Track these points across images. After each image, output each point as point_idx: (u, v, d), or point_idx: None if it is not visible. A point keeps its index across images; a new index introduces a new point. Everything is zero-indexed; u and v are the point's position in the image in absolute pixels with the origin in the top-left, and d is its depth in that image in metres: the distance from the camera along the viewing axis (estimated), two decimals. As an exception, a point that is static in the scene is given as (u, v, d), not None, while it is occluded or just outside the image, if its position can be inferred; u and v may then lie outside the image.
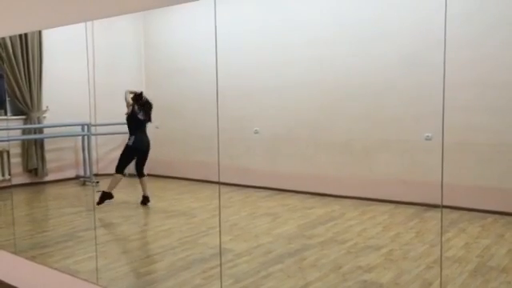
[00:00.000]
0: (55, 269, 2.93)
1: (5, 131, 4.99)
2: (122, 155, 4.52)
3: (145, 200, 4.58)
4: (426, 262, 3.00)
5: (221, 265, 2.77)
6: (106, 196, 4.34)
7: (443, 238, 3.28)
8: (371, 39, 4.51)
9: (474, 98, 3.83)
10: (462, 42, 3.79)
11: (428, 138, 4.11)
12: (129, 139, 4.50)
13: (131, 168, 5.85)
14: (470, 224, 3.45)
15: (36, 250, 3.43)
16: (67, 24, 2.88)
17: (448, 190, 3.74)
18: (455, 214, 3.41)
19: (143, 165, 4.64)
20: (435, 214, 3.90)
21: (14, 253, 3.20)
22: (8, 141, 5.00)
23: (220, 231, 2.77)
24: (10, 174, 5.05)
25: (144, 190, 4.61)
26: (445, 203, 3.79)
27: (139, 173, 4.59)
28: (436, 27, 4.16)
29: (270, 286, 2.78)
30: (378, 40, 4.46)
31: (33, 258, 3.15)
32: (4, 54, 4.76)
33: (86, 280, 2.69)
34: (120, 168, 4.45)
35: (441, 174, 4.01)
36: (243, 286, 2.78)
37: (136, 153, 4.61)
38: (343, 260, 3.13)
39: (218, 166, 2.64)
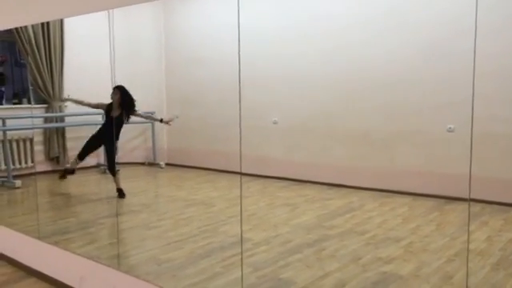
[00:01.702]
0: (78, 254, 2.99)
1: (28, 119, 5.08)
2: (114, 155, 4.54)
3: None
4: (447, 255, 2.97)
5: (242, 252, 2.78)
6: (121, 192, 4.46)
7: (466, 232, 3.25)
8: (391, 29, 4.45)
9: (497, 89, 3.75)
10: (484, 31, 3.72)
11: (450, 130, 4.05)
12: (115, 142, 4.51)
13: (150, 157, 5.92)
14: (492, 217, 3.41)
15: (58, 236, 3.50)
16: (88, 12, 2.90)
17: (473, 183, 3.69)
18: (477, 207, 3.36)
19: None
20: (456, 207, 3.86)
21: (38, 238, 3.27)
22: (32, 129, 5.09)
23: (241, 219, 2.78)
24: (32, 162, 5.15)
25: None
26: (467, 196, 3.74)
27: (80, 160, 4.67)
28: (456, 16, 4.09)
29: (288, 276, 2.78)
30: (398, 30, 4.40)
31: (56, 244, 3.21)
32: (27, 44, 4.83)
33: (108, 266, 2.73)
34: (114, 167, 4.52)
35: (462, 166, 3.95)
36: (262, 274, 2.79)
37: None
38: (362, 251, 3.12)
39: (240, 156, 2.64)
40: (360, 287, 2.58)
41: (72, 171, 4.63)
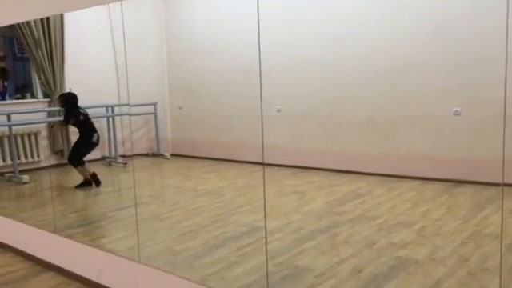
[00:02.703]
0: (95, 247, 3.00)
1: (32, 114, 5.06)
2: (83, 150, 4.67)
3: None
4: (461, 238, 3.01)
5: (266, 237, 2.79)
6: (85, 183, 4.59)
7: (480, 216, 3.28)
8: (394, 13, 4.43)
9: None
10: (493, 11, 3.70)
11: (456, 113, 4.06)
12: (92, 136, 4.64)
13: (154, 148, 5.92)
14: (506, 198, 3.42)
15: (72, 229, 3.50)
16: (88, 6, 2.87)
17: (483, 165, 3.71)
18: (492, 190, 3.38)
19: None
20: (465, 190, 3.90)
21: (54, 232, 3.28)
22: (37, 123, 5.08)
23: (265, 207, 2.80)
24: (38, 156, 5.14)
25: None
26: (480, 179, 3.77)
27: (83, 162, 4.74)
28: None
29: (305, 263, 2.81)
30: (401, 14, 4.38)
31: (69, 237, 3.22)
32: (29, 38, 4.79)
33: (129, 258, 2.74)
34: (81, 161, 4.63)
35: (469, 149, 3.96)
36: (278, 262, 2.82)
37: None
38: (376, 236, 3.15)
39: (263, 146, 2.65)
40: (377, 272, 2.61)
41: (90, 182, 4.65)
